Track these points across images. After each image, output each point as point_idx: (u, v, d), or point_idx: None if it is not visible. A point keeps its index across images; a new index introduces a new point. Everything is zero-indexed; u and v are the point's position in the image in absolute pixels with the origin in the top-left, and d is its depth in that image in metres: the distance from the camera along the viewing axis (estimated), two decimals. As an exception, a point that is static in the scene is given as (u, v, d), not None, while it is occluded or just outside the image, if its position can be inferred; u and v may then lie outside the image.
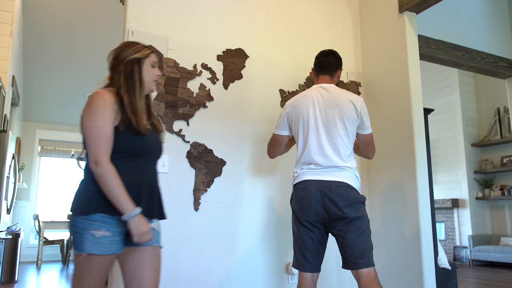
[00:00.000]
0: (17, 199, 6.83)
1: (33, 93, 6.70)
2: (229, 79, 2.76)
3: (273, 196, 2.79)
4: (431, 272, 2.61)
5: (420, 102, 2.85)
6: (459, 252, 6.66)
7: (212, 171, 2.60)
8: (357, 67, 3.31)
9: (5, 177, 3.74)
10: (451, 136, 6.96)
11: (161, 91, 2.52)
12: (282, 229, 2.76)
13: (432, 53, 3.52)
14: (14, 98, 5.49)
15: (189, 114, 2.59)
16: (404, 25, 2.92)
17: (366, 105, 2.23)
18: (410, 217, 2.73)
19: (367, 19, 3.31)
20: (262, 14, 2.98)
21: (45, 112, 7.15)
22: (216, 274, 2.52)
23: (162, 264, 2.33)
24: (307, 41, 3.13)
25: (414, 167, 2.74)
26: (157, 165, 1.71)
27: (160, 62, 2.55)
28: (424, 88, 7.34)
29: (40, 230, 6.16)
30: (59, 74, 6.46)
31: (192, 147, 2.57)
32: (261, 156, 2.76)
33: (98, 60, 6.14)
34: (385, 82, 3.06)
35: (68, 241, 6.37)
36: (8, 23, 4.47)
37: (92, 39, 5.91)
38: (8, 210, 4.09)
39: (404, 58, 2.89)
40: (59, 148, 7.48)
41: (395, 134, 2.92)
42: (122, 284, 1.64)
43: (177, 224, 2.44)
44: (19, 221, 6.82)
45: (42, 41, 5.89)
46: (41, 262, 6.11)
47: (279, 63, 2.97)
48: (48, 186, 7.42)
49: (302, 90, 3.02)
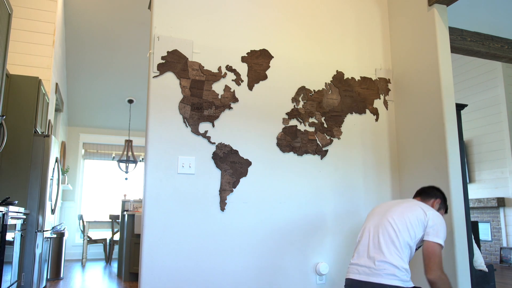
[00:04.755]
0: (63, 200, 7.21)
1: (76, 99, 7.05)
2: (254, 80, 2.78)
3: (300, 196, 2.78)
4: (465, 274, 2.50)
5: (452, 98, 2.74)
6: (506, 253, 6.32)
7: (238, 171, 2.64)
8: (386, 63, 3.24)
9: (49, 180, 3.96)
10: (495, 132, 6.62)
11: (186, 94, 2.58)
12: (310, 229, 2.75)
13: (468, 46, 3.37)
14: (58, 104, 5.80)
15: (214, 115, 2.63)
16: (433, 18, 2.82)
17: (396, 106, 2.18)
18: (443, 216, 2.63)
19: (396, 13, 3.23)
20: (286, 13, 2.98)
21: (88, 117, 7.49)
22: (243, 274, 2.54)
23: (189, 264, 2.40)
24: (334, 38, 3.10)
25: (446, 166, 2.64)
26: None
27: (186, 66, 2.61)
28: (465, 83, 7.05)
29: (84, 230, 6.46)
30: (99, 81, 6.76)
31: (218, 148, 2.61)
32: (286, 156, 2.77)
33: (135, 65, 6.37)
34: (415, 78, 2.97)
35: (111, 240, 6.64)
36: (50, 33, 4.73)
37: (129, 45, 6.14)
38: (52, 210, 4.32)
39: (435, 53, 2.80)
40: (101, 151, 7.81)
41: (426, 132, 2.83)
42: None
43: (203, 224, 2.49)
44: (66, 221, 7.19)
45: (83, 50, 6.19)
46: (85, 260, 6.41)
47: (304, 62, 2.96)
48: (92, 188, 7.77)
49: (328, 89, 3.00)
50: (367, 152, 3.03)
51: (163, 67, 2.56)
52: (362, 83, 3.12)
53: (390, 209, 2.10)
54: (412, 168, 2.95)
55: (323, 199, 2.84)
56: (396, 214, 2.04)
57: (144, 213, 2.39)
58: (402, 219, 2.00)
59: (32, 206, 3.77)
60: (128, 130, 7.65)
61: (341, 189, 2.90)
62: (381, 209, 2.17)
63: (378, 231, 2.03)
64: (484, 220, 6.72)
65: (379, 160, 3.06)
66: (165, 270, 2.36)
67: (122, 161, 6.99)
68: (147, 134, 2.48)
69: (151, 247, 2.36)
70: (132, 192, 7.63)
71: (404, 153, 3.05)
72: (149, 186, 2.42)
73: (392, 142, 3.13)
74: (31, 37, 4.63)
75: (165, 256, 2.38)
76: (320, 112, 2.93)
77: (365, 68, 3.15)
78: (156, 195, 2.42)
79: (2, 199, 3.24)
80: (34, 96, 3.91)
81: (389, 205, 2.17)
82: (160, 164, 2.46)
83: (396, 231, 1.97)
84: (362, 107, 3.08)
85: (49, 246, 4.52)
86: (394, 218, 2.02)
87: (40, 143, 3.89)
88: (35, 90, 3.92)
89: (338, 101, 3.01)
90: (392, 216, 2.03)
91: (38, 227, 3.80)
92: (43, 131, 4.31)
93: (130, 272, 4.78)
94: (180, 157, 2.51)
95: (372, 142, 3.07)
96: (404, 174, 3.03)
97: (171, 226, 2.42)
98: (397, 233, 1.96)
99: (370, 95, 3.12)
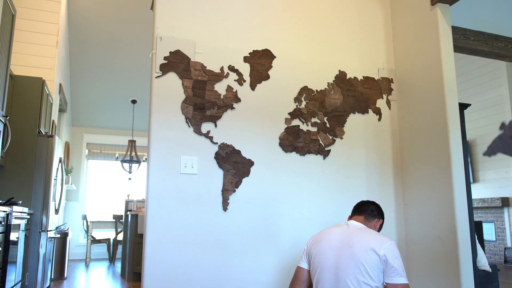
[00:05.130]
0: (67, 200, 7.24)
1: (80, 99, 7.08)
2: (256, 80, 2.79)
3: (302, 196, 2.78)
4: (469, 274, 2.49)
5: (455, 97, 2.73)
6: (511, 253, 6.29)
7: (240, 171, 2.64)
8: (389, 63, 3.23)
9: (53, 180, 3.98)
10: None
11: (189, 94, 2.59)
12: (312, 230, 2.74)
13: (471, 45, 3.36)
14: (62, 104, 5.82)
15: (216, 116, 2.64)
16: (436, 17, 2.81)
17: (399, 106, 2.07)
18: (446, 217, 2.62)
19: (399, 13, 3.22)
20: (288, 13, 2.98)
21: (91, 117, 7.52)
22: (246, 274, 2.55)
23: (192, 263, 2.40)
24: (336, 38, 3.10)
25: (449, 165, 2.63)
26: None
27: (188, 66, 2.62)
28: (469, 82, 7.02)
29: (88, 230, 6.48)
30: (103, 81, 6.78)
31: (220, 148, 2.61)
32: (288, 156, 2.77)
33: (139, 66, 6.39)
34: (418, 78, 2.97)
35: (114, 240, 6.66)
36: (53, 34, 4.75)
37: (132, 46, 6.16)
38: (56, 210, 4.34)
39: (437, 52, 2.79)
40: (105, 151, 7.84)
41: (429, 132, 2.82)
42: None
43: (206, 224, 2.49)
44: (70, 221, 7.22)
45: (86, 50, 6.21)
46: (89, 260, 6.43)
47: (306, 62, 2.96)
48: (95, 188, 7.79)
49: (331, 89, 2.99)
50: (369, 152, 3.03)
51: (165, 68, 2.57)
52: (365, 83, 3.11)
53: (341, 263, 1.85)
54: (415, 168, 2.94)
55: (326, 199, 2.83)
56: (351, 270, 1.80)
57: (147, 213, 2.40)
58: (361, 275, 1.78)
59: (36, 206, 3.79)
60: (131, 130, 7.67)
61: (343, 189, 2.89)
62: (329, 256, 1.91)
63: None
64: (488, 220, 6.70)
65: (382, 160, 3.06)
66: (168, 269, 2.37)
67: (125, 161, 7.01)
68: (149, 135, 2.49)
69: (154, 246, 2.37)
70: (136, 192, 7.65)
71: (407, 152, 3.04)
72: (152, 186, 2.42)
73: (395, 141, 3.12)
74: (34, 38, 4.65)
75: (168, 256, 2.38)
76: (322, 112, 2.93)
77: (368, 68, 3.15)
78: (158, 195, 2.43)
79: (6, 199, 3.26)
80: (38, 96, 3.93)
81: (334, 252, 1.90)
82: (163, 164, 2.47)
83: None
84: (365, 107, 3.07)
85: (53, 246, 4.54)
86: (351, 279, 1.79)
87: (43, 144, 3.91)
88: (38, 90, 3.94)
89: (341, 101, 3.01)
90: (349, 276, 1.80)
91: (42, 227, 3.82)
92: (47, 131, 4.33)
93: (134, 272, 4.80)
94: (183, 157, 2.51)
95: (375, 142, 3.06)
96: (407, 174, 3.02)
97: (174, 226, 2.43)
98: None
99: (373, 95, 3.12)
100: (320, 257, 1.93)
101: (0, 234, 2.68)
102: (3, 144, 2.92)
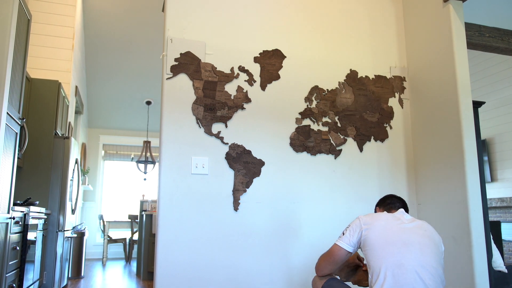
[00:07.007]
0: (84, 200, 7.37)
1: (96, 101, 7.19)
2: (267, 80, 2.79)
3: (314, 196, 2.77)
4: (484, 275, 2.45)
5: (468, 95, 2.69)
6: (531, 254, 6.14)
7: (251, 171, 2.65)
8: (401, 61, 3.19)
9: (69, 180, 4.06)
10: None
11: (199, 95, 2.61)
12: (324, 230, 2.73)
13: (486, 42, 3.29)
14: (78, 106, 5.93)
15: (227, 116, 2.65)
16: (449, 14, 2.77)
17: (412, 105, 2.02)
18: (460, 216, 2.58)
19: (411, 10, 3.18)
20: (299, 12, 2.98)
21: (107, 118, 7.63)
22: (256, 273, 2.55)
23: (203, 263, 2.42)
24: (347, 37, 3.08)
25: (463, 164, 2.59)
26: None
27: (198, 67, 2.64)
28: (486, 79, 6.89)
29: (105, 229, 6.58)
30: (118, 83, 6.88)
31: (231, 148, 2.63)
32: (299, 156, 2.76)
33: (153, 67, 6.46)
34: (431, 76, 2.93)
35: (130, 239, 6.74)
36: (69, 38, 4.85)
37: (146, 48, 6.23)
38: (73, 210, 4.42)
39: (450, 50, 2.75)
40: (121, 152, 7.95)
41: (442, 130, 2.79)
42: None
43: (217, 223, 2.51)
44: (87, 221, 7.35)
45: (101, 53, 6.31)
46: (106, 259, 6.53)
47: (317, 62, 2.95)
48: (111, 188, 7.91)
49: (342, 88, 2.98)
50: (382, 151, 3.00)
51: (176, 69, 2.59)
52: (377, 82, 3.09)
53: (422, 240, 1.77)
54: (428, 167, 2.90)
55: (337, 199, 2.82)
56: (434, 250, 1.77)
57: (159, 213, 2.43)
58: (440, 257, 1.78)
59: (53, 207, 3.87)
60: (146, 131, 7.76)
61: (355, 189, 2.88)
62: (407, 232, 1.81)
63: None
64: (507, 220, 6.55)
65: (394, 159, 3.03)
66: (179, 268, 2.39)
67: (140, 161, 7.09)
68: (161, 135, 2.52)
69: (166, 246, 2.40)
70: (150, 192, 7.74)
71: (420, 151, 3.00)
72: (163, 186, 2.45)
73: (407, 140, 3.09)
74: (51, 41, 4.75)
75: (179, 255, 2.41)
76: (333, 111, 2.92)
77: (380, 66, 3.12)
78: (170, 196, 2.46)
79: (24, 200, 3.34)
80: (54, 99, 4.01)
81: (410, 230, 1.81)
82: (174, 164, 2.49)
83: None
84: (377, 106, 3.05)
85: (70, 246, 4.62)
86: (433, 257, 1.75)
87: (60, 145, 3.99)
88: (55, 93, 4.02)
89: (352, 100, 2.99)
90: (432, 255, 1.75)
91: (59, 227, 3.90)
92: (63, 133, 4.42)
93: (148, 271, 4.85)
94: (194, 157, 2.53)
95: (387, 140, 3.03)
96: (420, 173, 2.98)
97: (185, 226, 2.45)
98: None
99: (385, 94, 3.09)
100: (387, 232, 1.79)
101: (18, 234, 2.75)
102: (21, 146, 2.99)
